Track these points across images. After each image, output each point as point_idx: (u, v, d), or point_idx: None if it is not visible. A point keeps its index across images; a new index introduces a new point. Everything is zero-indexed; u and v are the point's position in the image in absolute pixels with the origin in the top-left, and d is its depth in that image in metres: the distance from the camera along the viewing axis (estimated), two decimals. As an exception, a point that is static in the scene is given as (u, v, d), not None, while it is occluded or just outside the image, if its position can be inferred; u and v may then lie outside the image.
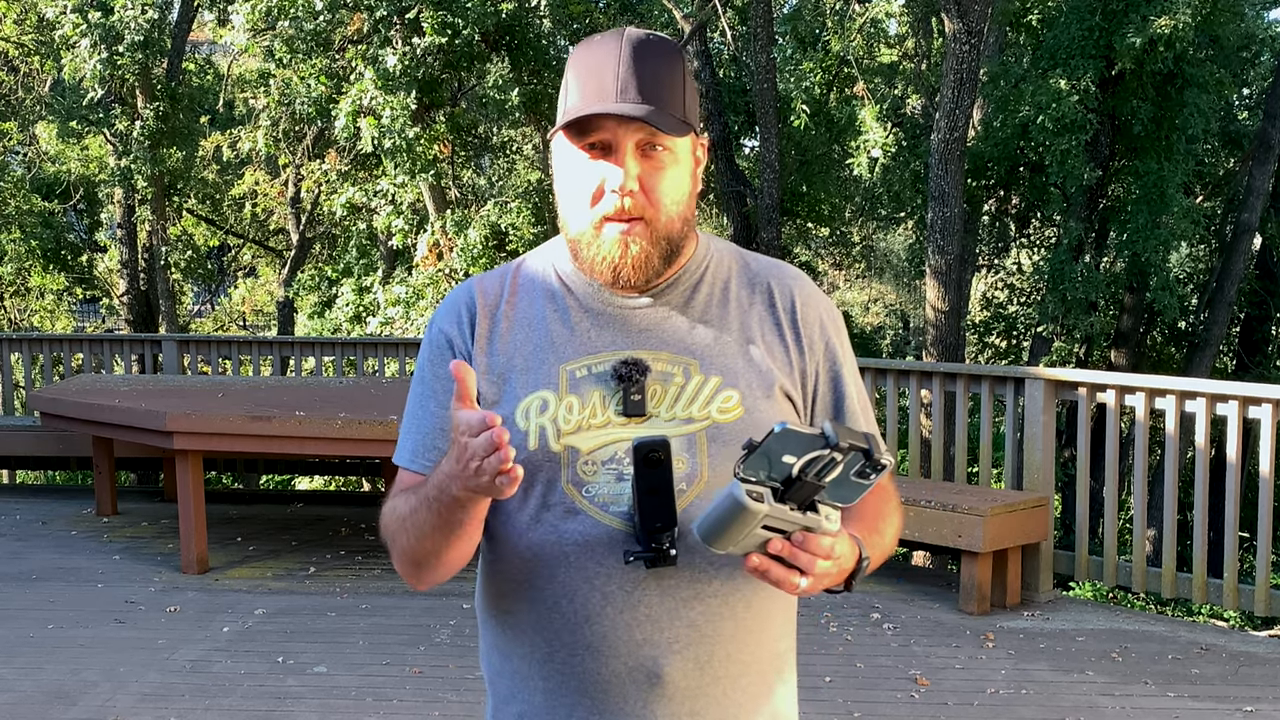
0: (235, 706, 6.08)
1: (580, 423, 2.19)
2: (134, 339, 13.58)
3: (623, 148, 2.16)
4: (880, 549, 2.23)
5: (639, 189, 2.16)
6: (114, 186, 19.87)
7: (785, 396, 2.25)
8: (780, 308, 2.31)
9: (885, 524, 2.29)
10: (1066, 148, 15.74)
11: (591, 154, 2.18)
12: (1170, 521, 7.78)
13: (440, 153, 16.33)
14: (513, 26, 16.04)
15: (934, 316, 14.73)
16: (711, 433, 2.17)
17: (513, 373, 2.25)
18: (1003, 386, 8.39)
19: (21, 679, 6.46)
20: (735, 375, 2.22)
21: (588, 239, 2.21)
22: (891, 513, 2.34)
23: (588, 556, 2.15)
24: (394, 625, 7.38)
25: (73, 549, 9.29)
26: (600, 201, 2.18)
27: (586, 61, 2.20)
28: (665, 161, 2.18)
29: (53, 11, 17.63)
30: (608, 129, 2.16)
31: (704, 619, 2.16)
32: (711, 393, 2.20)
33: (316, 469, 13.85)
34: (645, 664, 2.16)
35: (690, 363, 2.22)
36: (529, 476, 2.16)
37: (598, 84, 2.16)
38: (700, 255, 2.33)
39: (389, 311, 16.84)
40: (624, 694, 2.18)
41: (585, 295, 2.29)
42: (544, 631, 2.22)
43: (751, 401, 2.20)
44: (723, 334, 2.26)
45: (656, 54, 2.19)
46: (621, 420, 2.18)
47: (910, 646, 6.97)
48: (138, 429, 8.68)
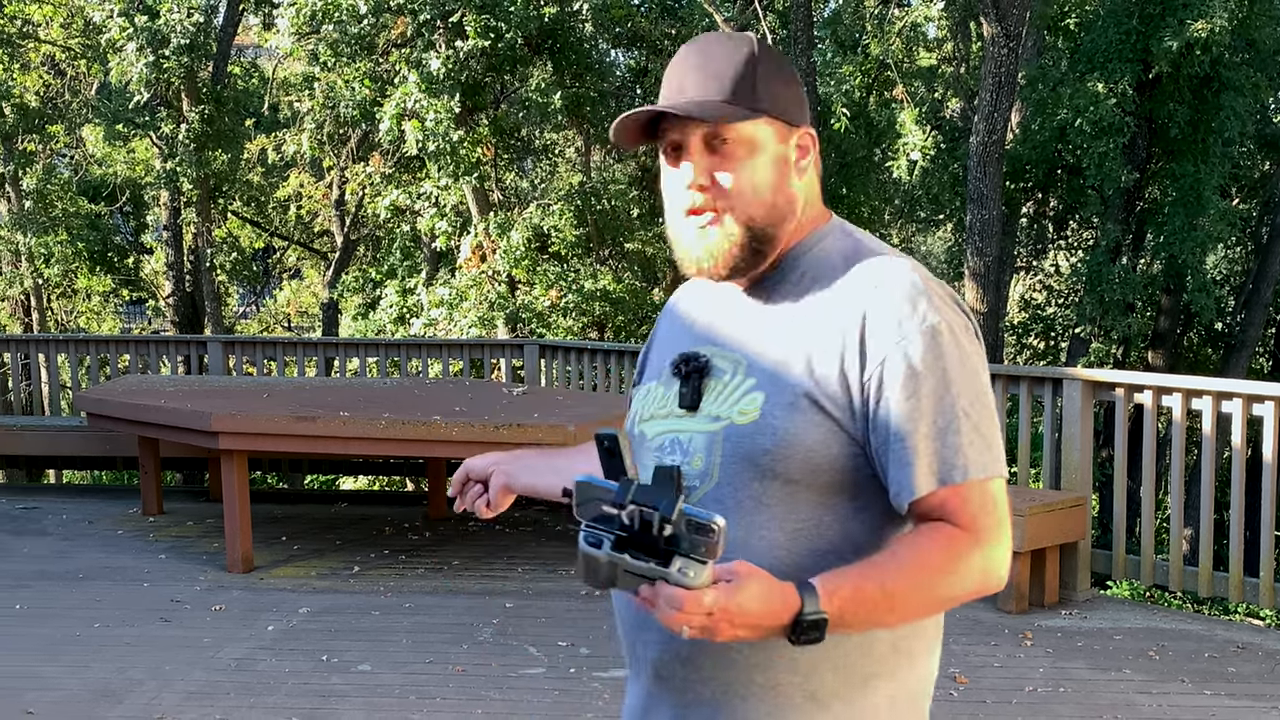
0: (280, 704, 6.10)
1: (655, 411, 2.30)
2: (180, 340, 13.66)
3: (689, 145, 2.17)
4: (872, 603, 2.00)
5: (709, 183, 2.17)
6: (160, 189, 19.97)
7: (816, 407, 2.10)
8: (851, 315, 2.13)
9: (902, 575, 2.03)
10: (1104, 150, 15.68)
11: (670, 157, 2.22)
12: (1207, 521, 7.76)
13: (483, 156, 16.39)
14: (555, 30, 16.09)
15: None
16: (727, 433, 2.15)
17: (650, 363, 2.50)
18: (1041, 387, 8.38)
19: (68, 677, 6.50)
20: (768, 379, 2.15)
21: (675, 237, 2.26)
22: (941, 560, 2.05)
23: None
24: (437, 624, 7.41)
25: (119, 548, 9.34)
26: (679, 201, 2.21)
27: (668, 69, 2.24)
28: (737, 153, 2.16)
29: (99, 15, 17.74)
30: (675, 130, 2.18)
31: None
32: (742, 393, 2.17)
33: (360, 469, 13.92)
34: (639, 647, 2.28)
35: (740, 360, 2.21)
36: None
37: (667, 88, 2.20)
38: (802, 249, 2.26)
39: (432, 313, 16.88)
40: (639, 665, 2.30)
41: (710, 291, 2.36)
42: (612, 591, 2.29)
43: (770, 407, 2.12)
44: (777, 336, 2.19)
45: (719, 48, 2.19)
46: (680, 412, 2.23)
47: (949, 645, 6.93)
48: (183, 429, 8.72)
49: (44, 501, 11.26)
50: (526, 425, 8.06)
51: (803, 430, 2.09)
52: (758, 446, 2.10)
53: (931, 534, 2.07)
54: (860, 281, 2.16)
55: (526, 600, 7.88)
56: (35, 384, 12.79)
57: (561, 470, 2.61)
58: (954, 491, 2.08)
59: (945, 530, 2.07)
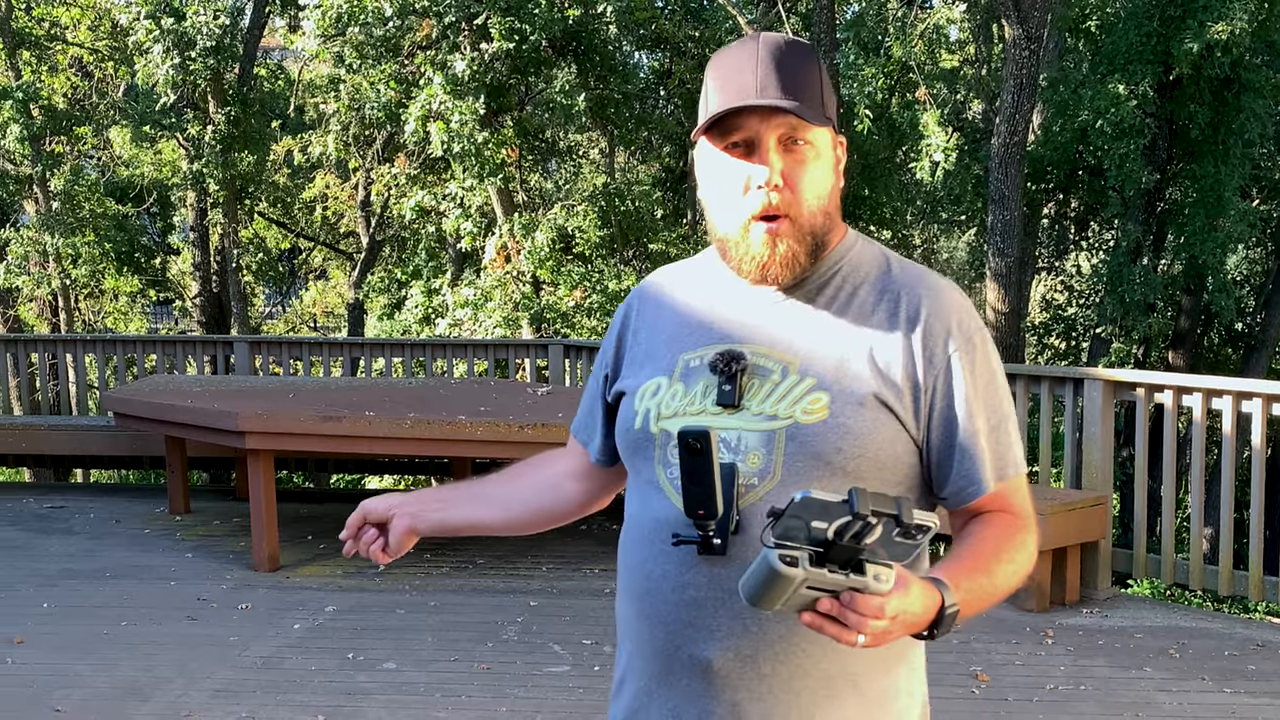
0: (306, 702, 6.14)
1: (679, 409, 2.25)
2: (206, 340, 13.70)
3: (765, 144, 2.18)
4: (985, 591, 2.15)
5: (784, 184, 2.18)
6: (187, 190, 20.06)
7: (883, 406, 2.19)
8: (904, 317, 2.24)
9: (999, 562, 2.20)
10: (1125, 152, 15.67)
11: (734, 154, 2.21)
12: (1227, 520, 7.78)
13: (508, 157, 16.43)
14: (579, 32, 16.12)
15: (994, 318, 14.75)
16: (791, 431, 2.16)
17: (648, 358, 2.38)
18: (1062, 387, 8.40)
19: (97, 675, 6.55)
20: (829, 379, 2.19)
21: (736, 238, 2.24)
22: (1014, 548, 2.24)
23: (658, 533, 2.22)
24: (462, 622, 7.44)
25: (146, 547, 9.38)
26: (747, 200, 2.20)
27: (725, 65, 2.23)
28: (807, 156, 2.20)
29: (126, 18, 17.81)
30: (749, 126, 2.18)
31: (750, 614, 2.14)
32: (802, 393, 2.18)
33: (386, 468, 13.95)
34: (688, 645, 2.20)
35: (790, 361, 2.22)
36: (635, 454, 2.32)
37: (738, 84, 2.18)
38: (839, 253, 2.31)
39: (457, 313, 16.92)
40: (674, 668, 2.24)
41: (719, 290, 2.34)
42: (630, 595, 2.31)
43: (839, 407, 2.17)
44: (831, 336, 2.24)
45: (792, 53, 2.21)
46: (715, 410, 2.21)
47: (971, 643, 6.98)
48: (210, 429, 8.76)
49: (71, 500, 11.29)
50: (551, 425, 8.09)
51: (873, 428, 2.17)
52: (830, 445, 2.15)
53: (1001, 523, 2.26)
54: (909, 286, 2.28)
55: (551, 599, 7.91)
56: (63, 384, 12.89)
57: (491, 498, 2.64)
58: (1009, 485, 2.29)
59: (1008, 519, 2.27)
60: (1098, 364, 17.41)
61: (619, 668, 2.42)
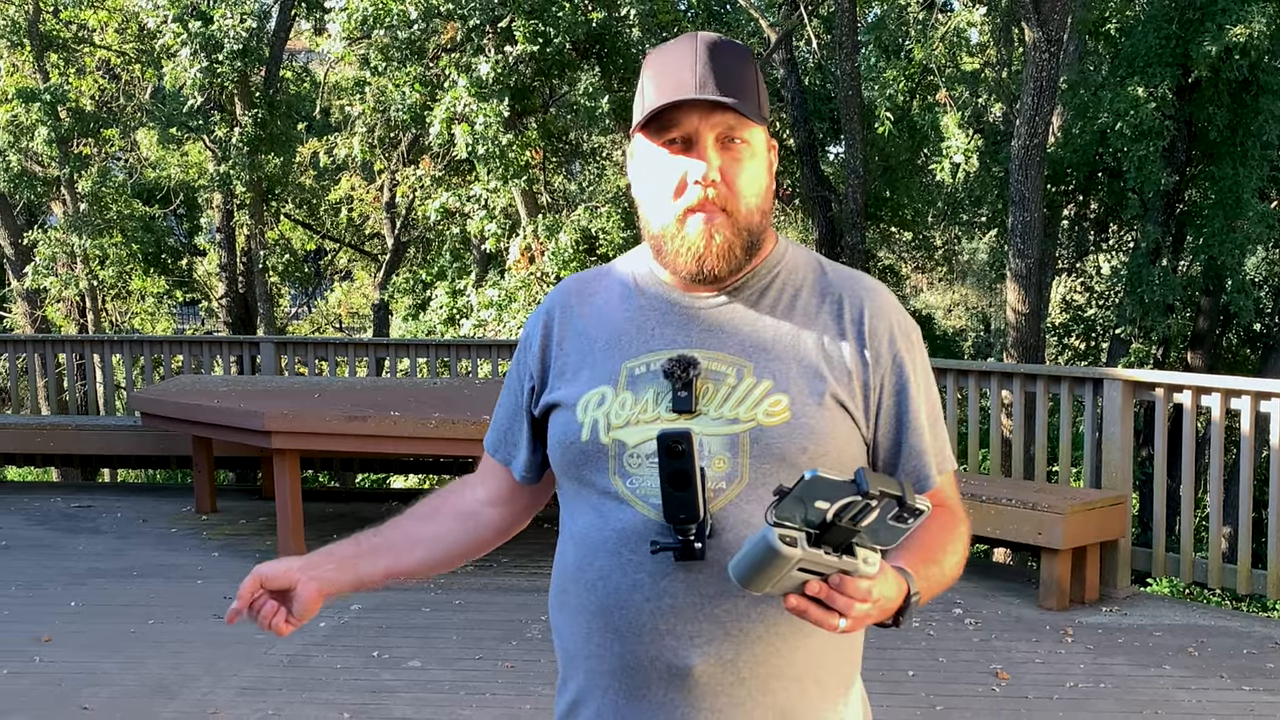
0: (331, 700, 6.19)
1: (630, 417, 2.21)
2: (233, 341, 13.78)
3: (703, 140, 2.18)
4: (936, 580, 2.18)
5: (720, 180, 2.18)
6: (213, 191, 20.13)
7: (839, 405, 2.23)
8: (848, 318, 2.28)
9: (945, 553, 2.23)
10: (1144, 154, 15.69)
11: (671, 149, 2.21)
12: (1245, 519, 7.81)
13: (532, 159, 16.45)
14: (602, 35, 16.13)
15: (1015, 319, 14.80)
16: (755, 434, 2.17)
17: (582, 368, 2.31)
18: (1082, 387, 8.43)
19: (124, 672, 6.61)
20: (787, 380, 2.21)
21: (671, 233, 2.23)
22: (954, 540, 2.28)
23: (624, 544, 2.18)
24: (486, 620, 7.48)
25: (173, 546, 9.43)
26: (683, 195, 2.20)
27: (663, 62, 2.24)
28: (744, 154, 2.21)
29: (154, 21, 17.88)
30: (688, 122, 2.18)
31: (730, 618, 2.15)
32: (761, 395, 2.19)
33: (411, 468, 13.96)
34: (667, 654, 2.17)
35: (744, 364, 2.22)
36: (582, 466, 2.25)
37: (675, 81, 2.18)
38: (775, 258, 2.33)
39: (482, 314, 16.94)
40: (648, 681, 2.20)
41: (656, 295, 2.32)
42: (585, 613, 2.25)
43: (800, 407, 2.19)
44: (781, 338, 2.25)
45: (730, 52, 2.21)
46: (670, 417, 2.19)
47: (991, 641, 7.04)
48: (237, 429, 8.81)
49: (98, 500, 11.36)
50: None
51: (833, 427, 2.20)
52: (795, 445, 2.16)
53: (943, 516, 2.28)
54: (847, 288, 2.33)
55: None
56: (90, 384, 12.92)
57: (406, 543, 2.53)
58: (946, 479, 2.36)
59: (947, 512, 2.30)
60: (1117, 364, 17.45)
61: (568, 692, 2.35)
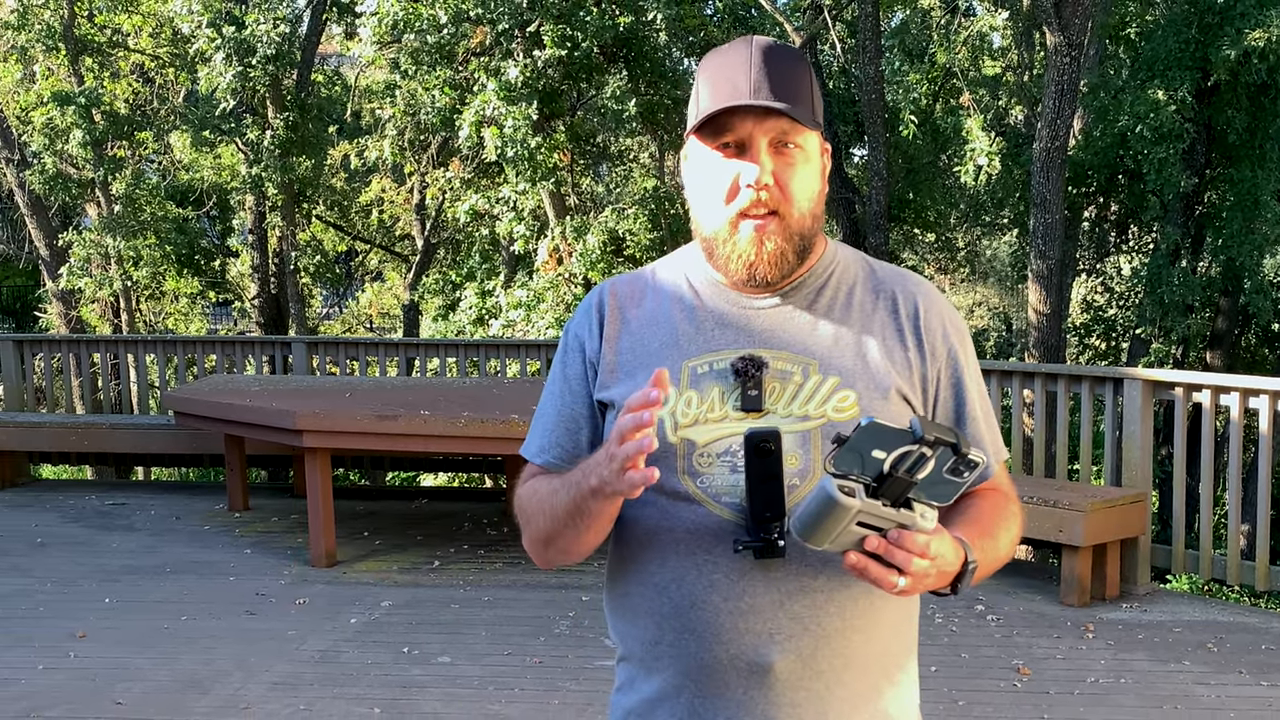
0: (362, 695, 6.25)
1: (698, 416, 2.21)
2: (265, 341, 13.83)
3: (756, 144, 2.19)
4: (992, 554, 2.19)
5: (773, 184, 2.19)
6: (246, 194, 20.18)
7: (903, 399, 2.26)
8: (903, 314, 2.32)
9: (1000, 529, 2.26)
10: (1164, 156, 15.73)
11: (725, 153, 2.22)
12: (1264, 517, 7.87)
13: (560, 161, 16.52)
14: (630, 39, 16.19)
15: (1036, 319, 14.84)
16: (827, 430, 2.18)
17: (639, 369, 2.29)
18: (1102, 387, 8.49)
19: (157, 668, 6.68)
20: (853, 376, 2.23)
21: (723, 236, 2.24)
22: (1009, 518, 2.32)
23: (697, 544, 2.19)
24: (515, 617, 7.54)
25: (205, 543, 9.51)
26: (735, 198, 2.21)
27: (718, 66, 2.24)
28: (797, 158, 2.22)
29: (188, 27, 17.98)
30: (742, 127, 2.19)
31: (808, 613, 2.17)
32: (829, 392, 2.21)
33: (441, 466, 14.04)
34: (747, 652, 2.18)
35: (810, 362, 2.24)
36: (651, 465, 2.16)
37: (731, 85, 2.19)
38: (827, 259, 2.35)
39: (511, 314, 16.98)
40: (725, 680, 2.20)
41: (711, 297, 2.33)
42: (654, 615, 2.26)
43: (868, 402, 2.21)
44: (843, 336, 2.28)
45: (785, 57, 2.23)
46: (739, 415, 2.20)
47: (1013, 637, 7.09)
48: (269, 427, 8.87)
49: (132, 497, 11.45)
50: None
51: (898, 421, 2.12)
52: None
53: (996, 498, 2.36)
54: (899, 284, 2.38)
55: (601, 593, 8.00)
56: (124, 383, 13.04)
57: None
58: (1001, 467, 2.43)
59: (1000, 495, 2.38)
60: (1137, 364, 17.50)
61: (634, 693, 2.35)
